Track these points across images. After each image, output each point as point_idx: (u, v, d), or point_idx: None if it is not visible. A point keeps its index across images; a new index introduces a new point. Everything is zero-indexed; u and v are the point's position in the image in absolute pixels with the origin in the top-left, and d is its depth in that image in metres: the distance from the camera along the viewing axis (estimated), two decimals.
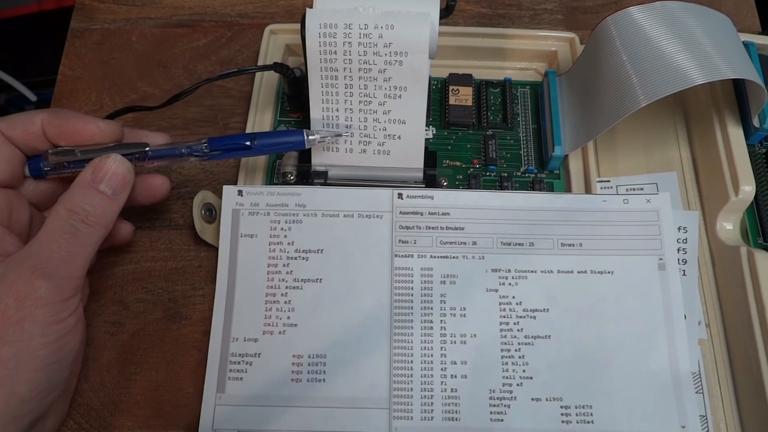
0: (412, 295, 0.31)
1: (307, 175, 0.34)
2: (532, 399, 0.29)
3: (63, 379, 0.26)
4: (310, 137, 0.31)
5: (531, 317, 0.30)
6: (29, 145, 0.28)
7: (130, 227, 0.32)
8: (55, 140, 0.28)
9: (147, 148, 0.29)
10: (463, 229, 0.32)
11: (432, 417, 0.29)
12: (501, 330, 0.30)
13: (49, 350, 0.24)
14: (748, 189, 0.32)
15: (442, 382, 0.30)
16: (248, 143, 0.30)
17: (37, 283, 0.24)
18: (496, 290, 0.31)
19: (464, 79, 0.37)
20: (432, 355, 0.30)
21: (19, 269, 0.24)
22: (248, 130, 0.35)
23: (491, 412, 0.29)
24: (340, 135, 0.32)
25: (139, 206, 0.31)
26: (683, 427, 0.29)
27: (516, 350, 0.30)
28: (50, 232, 0.26)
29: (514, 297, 0.31)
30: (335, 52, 0.30)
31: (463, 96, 0.37)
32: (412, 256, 0.31)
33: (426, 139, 0.34)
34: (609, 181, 0.35)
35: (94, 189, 0.27)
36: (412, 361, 0.30)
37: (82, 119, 0.28)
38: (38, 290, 0.24)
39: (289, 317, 0.31)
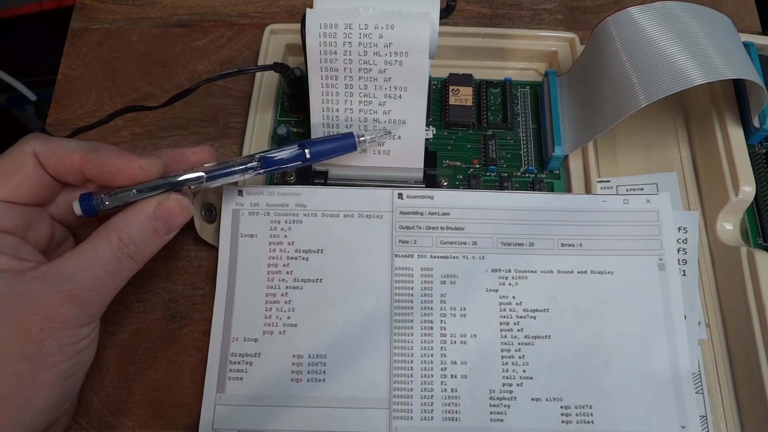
0: (412, 295, 0.31)
1: (307, 175, 0.34)
2: (532, 399, 0.29)
3: (76, 392, 0.27)
4: (361, 138, 0.31)
5: (531, 317, 0.30)
6: (61, 176, 0.27)
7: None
8: (92, 178, 0.27)
9: (203, 177, 0.28)
10: (463, 229, 0.32)
11: (432, 417, 0.29)
12: (501, 330, 0.30)
13: (65, 366, 0.24)
14: (748, 189, 0.32)
15: (442, 382, 0.30)
16: (303, 156, 0.29)
17: (65, 307, 0.24)
18: (496, 290, 0.31)
19: (464, 79, 0.37)
20: (432, 355, 0.30)
21: (52, 289, 0.24)
22: (248, 130, 0.35)
23: (491, 412, 0.29)
24: (389, 133, 0.32)
25: None
26: (683, 427, 0.29)
27: (516, 350, 0.30)
28: (94, 258, 0.25)
29: (514, 297, 0.31)
30: (335, 52, 0.30)
31: (463, 96, 0.37)
32: (412, 256, 0.31)
33: (426, 139, 0.33)
34: (609, 181, 0.35)
35: (152, 225, 0.26)
36: (412, 361, 0.30)
37: (123, 159, 0.26)
38: (66, 315, 0.24)
39: (289, 317, 0.31)
